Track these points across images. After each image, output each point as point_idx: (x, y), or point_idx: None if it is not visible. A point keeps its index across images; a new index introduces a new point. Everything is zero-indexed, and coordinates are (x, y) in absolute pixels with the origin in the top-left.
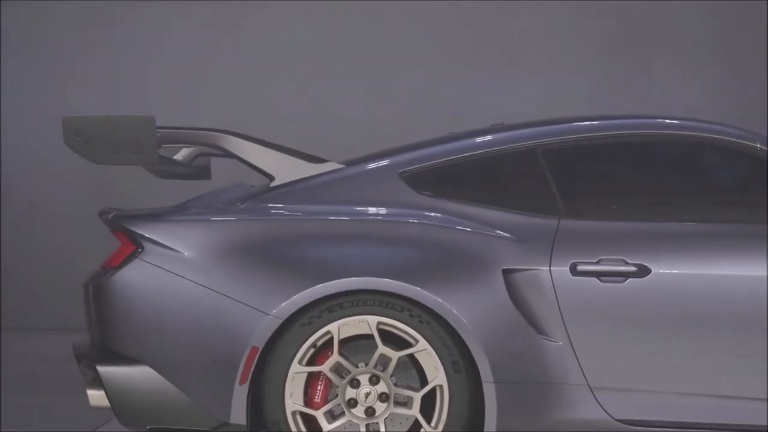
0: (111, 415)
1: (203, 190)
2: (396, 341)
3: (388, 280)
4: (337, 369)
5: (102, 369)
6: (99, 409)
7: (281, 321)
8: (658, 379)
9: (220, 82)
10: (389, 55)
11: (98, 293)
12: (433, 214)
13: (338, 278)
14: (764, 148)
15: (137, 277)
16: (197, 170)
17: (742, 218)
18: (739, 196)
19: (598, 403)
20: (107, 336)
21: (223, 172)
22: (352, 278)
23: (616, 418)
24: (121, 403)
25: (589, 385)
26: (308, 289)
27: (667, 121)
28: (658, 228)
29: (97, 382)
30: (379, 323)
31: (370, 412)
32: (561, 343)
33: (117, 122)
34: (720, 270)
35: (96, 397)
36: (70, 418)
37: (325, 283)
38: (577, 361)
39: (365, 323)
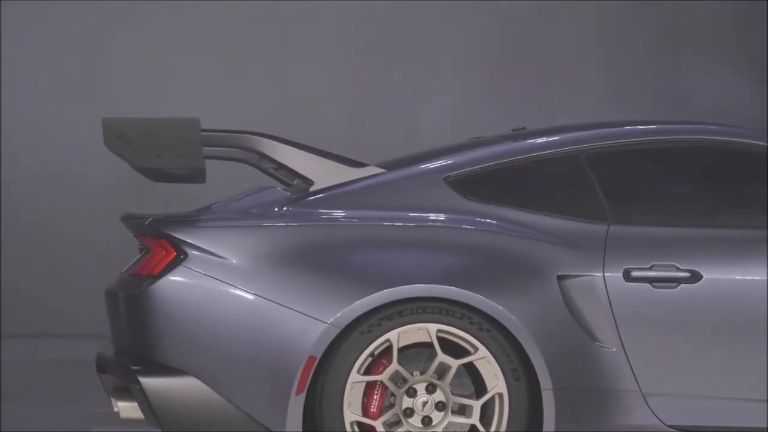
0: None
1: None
2: (449, 349)
3: (451, 287)
4: (394, 378)
5: (145, 380)
6: (129, 421)
7: (339, 330)
8: (709, 385)
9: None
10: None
11: (136, 301)
12: (482, 219)
13: (396, 285)
14: None
15: (181, 285)
16: (192, 173)
17: None
18: None
19: (650, 409)
20: (147, 346)
21: (215, 176)
22: (414, 285)
23: (667, 423)
24: (166, 416)
25: (641, 391)
26: (368, 297)
27: (714, 126)
28: (707, 233)
29: (127, 393)
30: (438, 331)
31: (426, 421)
32: (614, 349)
33: (161, 124)
34: None
35: (127, 408)
36: (67, 424)
37: (385, 290)
38: (630, 367)
39: (424, 331)
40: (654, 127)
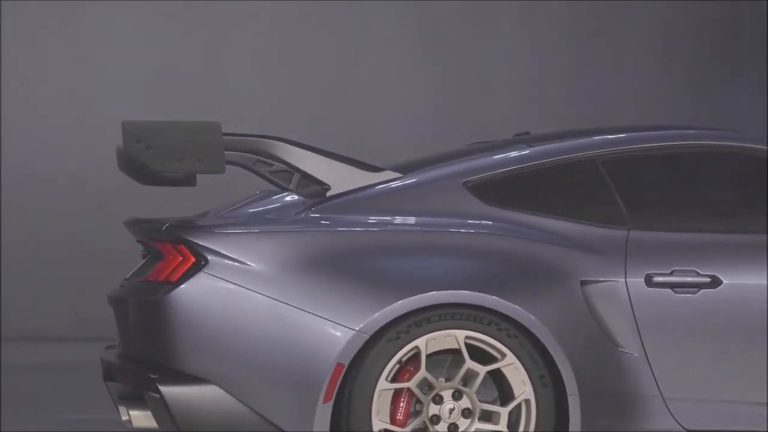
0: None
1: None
2: (474, 355)
3: (482, 294)
4: (420, 385)
5: (165, 389)
6: (141, 429)
7: (368, 336)
8: (729, 389)
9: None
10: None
11: (153, 308)
12: (504, 225)
13: (425, 291)
14: None
15: (202, 292)
16: (183, 176)
17: None
18: None
19: (671, 413)
20: (164, 354)
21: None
22: (445, 291)
23: (687, 428)
24: (186, 425)
25: (662, 396)
26: (397, 303)
27: (731, 133)
28: (726, 239)
29: (138, 401)
30: (466, 337)
31: (452, 428)
32: (636, 354)
33: (182, 128)
34: None
35: (140, 417)
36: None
37: (415, 296)
38: (652, 372)
39: (452, 338)
40: (674, 132)
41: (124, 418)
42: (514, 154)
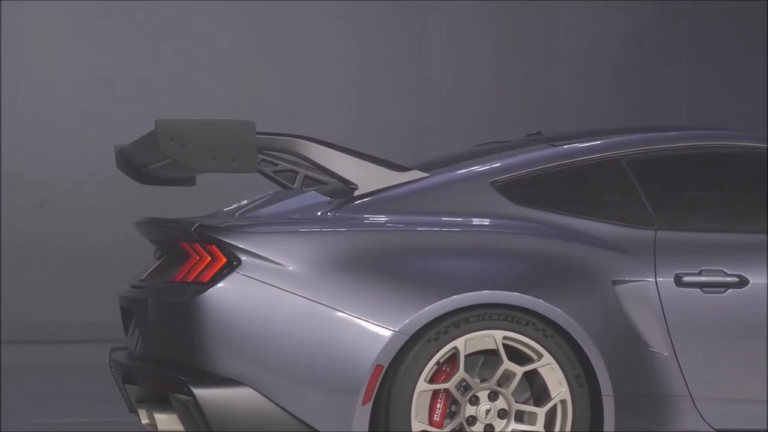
0: None
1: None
2: (509, 355)
3: (522, 294)
4: (458, 386)
5: (199, 392)
6: None
7: (407, 337)
8: (756, 389)
9: None
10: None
11: (183, 310)
12: (535, 225)
13: (464, 292)
14: None
15: (235, 293)
16: (183, 176)
17: None
18: None
19: (699, 413)
20: (195, 356)
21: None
22: (484, 292)
23: (715, 428)
24: (220, 427)
25: (691, 396)
26: (436, 303)
27: (754, 134)
28: (751, 239)
29: (162, 405)
30: (503, 338)
31: (488, 429)
32: (667, 354)
33: (216, 127)
34: None
35: (165, 420)
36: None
37: (455, 296)
38: (681, 372)
39: (491, 338)
40: (701, 132)
41: (144, 421)
42: (539, 153)
